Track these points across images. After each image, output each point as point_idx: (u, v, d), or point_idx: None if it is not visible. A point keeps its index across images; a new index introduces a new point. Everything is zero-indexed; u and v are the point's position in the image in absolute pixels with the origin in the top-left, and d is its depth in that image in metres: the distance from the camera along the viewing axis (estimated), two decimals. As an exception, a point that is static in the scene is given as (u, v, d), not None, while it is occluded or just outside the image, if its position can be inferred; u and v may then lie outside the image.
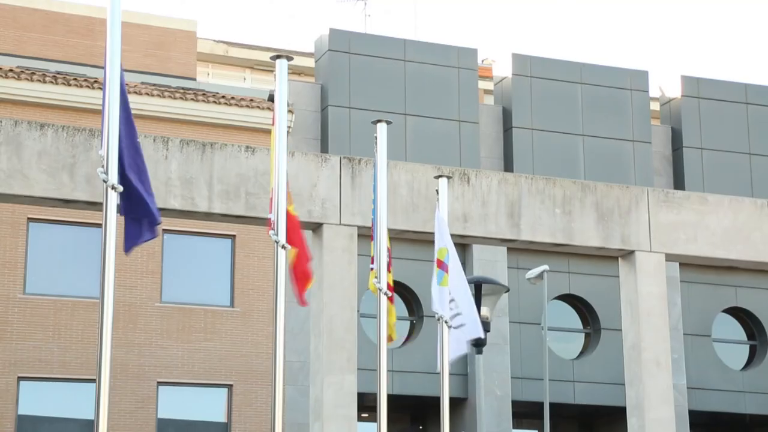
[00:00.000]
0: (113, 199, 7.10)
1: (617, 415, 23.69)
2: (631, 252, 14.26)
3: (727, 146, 28.74)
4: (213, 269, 25.17)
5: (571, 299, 27.68)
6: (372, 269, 9.67)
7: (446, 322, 9.62)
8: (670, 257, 14.55)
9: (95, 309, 20.95)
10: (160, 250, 24.61)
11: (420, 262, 23.86)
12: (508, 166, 26.85)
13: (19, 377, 23.09)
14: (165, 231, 24.59)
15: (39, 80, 23.90)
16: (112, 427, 6.80)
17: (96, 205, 11.70)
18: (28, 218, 23.69)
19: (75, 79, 24.31)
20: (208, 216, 13.03)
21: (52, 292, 23.76)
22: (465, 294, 10.43)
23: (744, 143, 28.93)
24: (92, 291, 21.61)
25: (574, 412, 28.12)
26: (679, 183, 28.21)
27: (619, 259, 14.48)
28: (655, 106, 29.88)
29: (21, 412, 23.07)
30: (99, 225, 6.98)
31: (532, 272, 23.92)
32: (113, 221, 7.02)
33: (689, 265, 25.38)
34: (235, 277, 25.04)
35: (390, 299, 9.46)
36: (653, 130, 28.45)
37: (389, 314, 9.52)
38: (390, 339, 9.36)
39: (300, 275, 8.07)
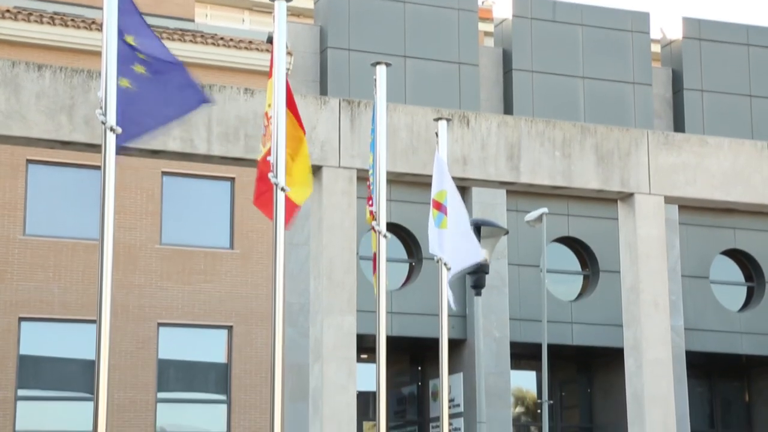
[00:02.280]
0: (112, 141, 7.08)
1: (615, 356, 23.86)
2: (631, 194, 14.27)
3: (728, 88, 28.65)
4: (212, 211, 25.20)
5: (569, 242, 27.75)
6: (371, 211, 9.68)
7: (445, 264, 9.65)
8: (669, 200, 14.56)
9: (95, 250, 21.03)
10: (159, 192, 24.63)
11: (419, 205, 23.89)
12: (508, 109, 26.78)
13: (20, 318, 23.21)
14: (164, 173, 24.59)
15: (36, 21, 23.76)
16: (113, 367, 6.85)
17: (95, 147, 11.70)
18: (27, 160, 23.67)
19: (72, 20, 24.16)
20: (207, 158, 13.03)
21: (53, 233, 23.81)
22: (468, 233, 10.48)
23: (745, 85, 28.84)
24: (92, 232, 21.67)
25: (572, 353, 28.31)
26: (679, 125, 28.16)
27: (618, 201, 14.50)
28: (655, 48, 29.74)
29: (22, 352, 23.23)
30: (98, 167, 6.98)
31: (531, 215, 23.96)
32: (112, 163, 7.01)
33: (688, 207, 25.44)
34: (235, 219, 25.08)
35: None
36: (654, 72, 28.34)
37: None
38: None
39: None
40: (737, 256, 29.00)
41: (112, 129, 7.06)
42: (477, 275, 13.54)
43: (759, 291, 28.92)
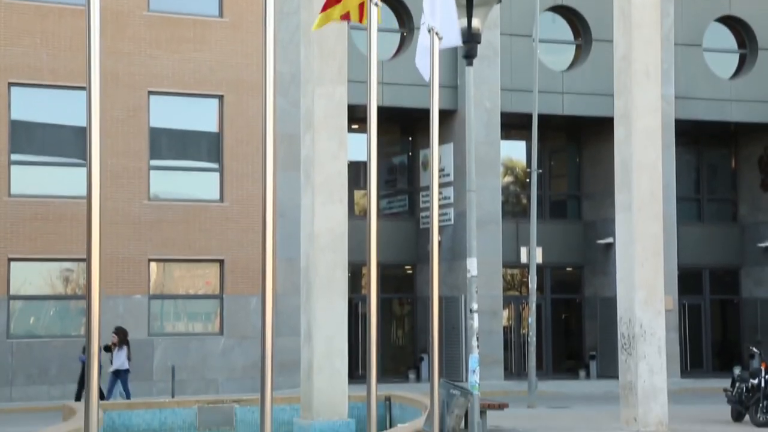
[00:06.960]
0: None
1: (605, 125, 24.00)
2: (626, -39, 14.01)
3: None
4: (200, -23, 24.70)
5: (563, 10, 27.42)
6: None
7: (437, 33, 9.55)
8: (665, -33, 14.32)
9: (82, 16, 20.73)
10: (145, -43, 24.08)
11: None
12: None
13: (9, 83, 23.10)
14: (150, -63, 23.96)
15: None
16: (105, 134, 6.87)
17: None
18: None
19: None
20: None
21: (38, -1, 23.41)
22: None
23: None
24: (78, -1, 21.32)
25: (562, 123, 28.46)
26: None
27: (614, -32, 14.25)
28: None
29: (14, 117, 23.25)
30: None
31: (525, -18, 23.56)
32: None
33: (684, -25, 25.02)
34: (223, -15, 24.63)
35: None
36: None
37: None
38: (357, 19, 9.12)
39: None
40: (731, 22, 28.76)
41: None
42: (469, 45, 13.42)
43: (751, 58, 28.84)
